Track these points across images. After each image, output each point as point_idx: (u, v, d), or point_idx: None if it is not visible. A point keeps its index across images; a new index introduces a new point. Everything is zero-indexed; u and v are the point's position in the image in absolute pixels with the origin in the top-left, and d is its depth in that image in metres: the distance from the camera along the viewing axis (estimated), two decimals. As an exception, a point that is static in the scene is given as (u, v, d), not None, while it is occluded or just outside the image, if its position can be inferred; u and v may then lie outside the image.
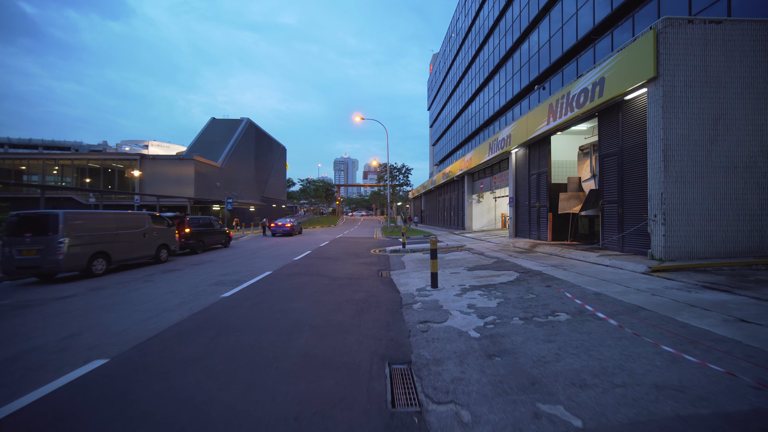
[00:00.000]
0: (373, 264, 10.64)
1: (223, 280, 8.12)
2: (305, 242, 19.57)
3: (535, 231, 14.25)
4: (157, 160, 27.29)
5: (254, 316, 5.17)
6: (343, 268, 9.83)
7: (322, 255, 13.11)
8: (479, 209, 24.49)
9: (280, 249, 15.66)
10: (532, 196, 14.48)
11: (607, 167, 9.77)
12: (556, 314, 4.73)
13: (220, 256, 13.22)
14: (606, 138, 9.81)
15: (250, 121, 40.35)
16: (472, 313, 5.01)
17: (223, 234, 16.83)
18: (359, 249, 15.37)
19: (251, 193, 39.51)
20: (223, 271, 9.56)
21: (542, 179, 13.65)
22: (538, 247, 11.69)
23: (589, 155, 12.02)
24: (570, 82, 11.02)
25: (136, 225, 10.67)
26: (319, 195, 48.93)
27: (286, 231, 24.88)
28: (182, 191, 26.49)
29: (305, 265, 10.48)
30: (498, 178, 19.43)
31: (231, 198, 23.66)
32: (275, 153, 50.51)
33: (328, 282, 7.70)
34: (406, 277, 8.18)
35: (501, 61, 26.74)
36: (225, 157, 32.90)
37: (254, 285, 7.48)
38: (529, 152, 14.75)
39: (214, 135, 37.17)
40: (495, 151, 17.59)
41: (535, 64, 21.91)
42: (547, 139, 13.24)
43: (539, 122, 12.80)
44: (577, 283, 6.41)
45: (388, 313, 5.27)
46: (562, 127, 11.82)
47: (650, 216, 7.67)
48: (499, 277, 7.52)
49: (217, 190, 30.34)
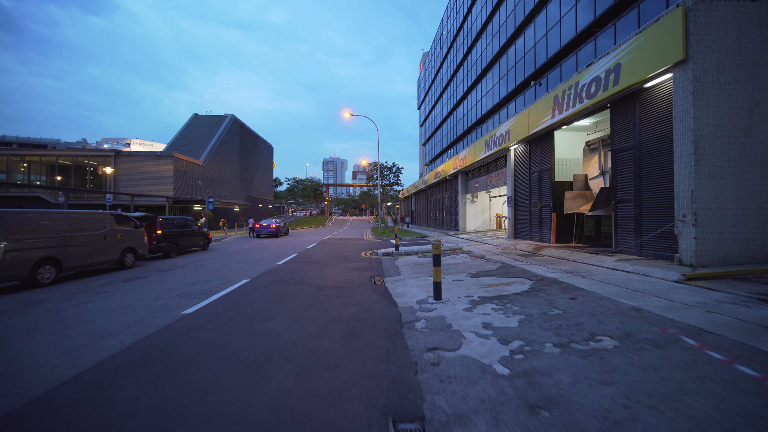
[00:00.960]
0: (364, 269, 9.61)
1: (190, 290, 6.95)
2: (291, 244, 18.38)
3: (536, 232, 13.45)
4: (134, 156, 25.52)
5: (217, 342, 4.07)
6: (331, 274, 8.76)
7: (309, 259, 12.00)
8: (473, 209, 23.70)
9: (262, 252, 14.46)
10: (533, 195, 13.68)
11: (620, 163, 8.97)
12: (598, 338, 3.79)
13: (195, 261, 11.97)
14: (620, 131, 9.01)
15: (234, 118, 38.67)
16: (490, 336, 4.04)
17: (202, 236, 15.52)
18: (349, 252, 14.31)
19: (236, 193, 37.85)
20: (194, 278, 8.36)
21: (545, 177, 12.86)
22: (543, 250, 10.85)
23: (597, 151, 11.26)
24: (578, 72, 10.22)
25: (95, 226, 9.35)
26: (307, 195, 47.43)
27: (271, 232, 23.58)
28: (160, 190, 24.85)
29: (289, 271, 9.36)
30: (495, 176, 18.64)
31: (213, 198, 22.23)
32: (261, 151, 48.80)
33: (314, 293, 6.63)
34: (402, 286, 7.17)
35: (495, 57, 26.05)
36: (207, 154, 31.24)
37: (226, 297, 6.34)
38: (529, 149, 13.95)
39: (196, 131, 35.42)
40: (492, 148, 16.77)
41: (531, 60, 21.24)
42: (550, 135, 12.45)
43: (542, 116, 11.99)
44: (606, 294, 5.51)
45: (387, 335, 4.26)
46: (568, 120, 11.03)
47: (677, 216, 6.86)
48: (510, 285, 6.58)
49: (199, 189, 28.73)
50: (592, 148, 11.53)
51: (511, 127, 14.59)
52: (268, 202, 52.78)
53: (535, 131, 12.59)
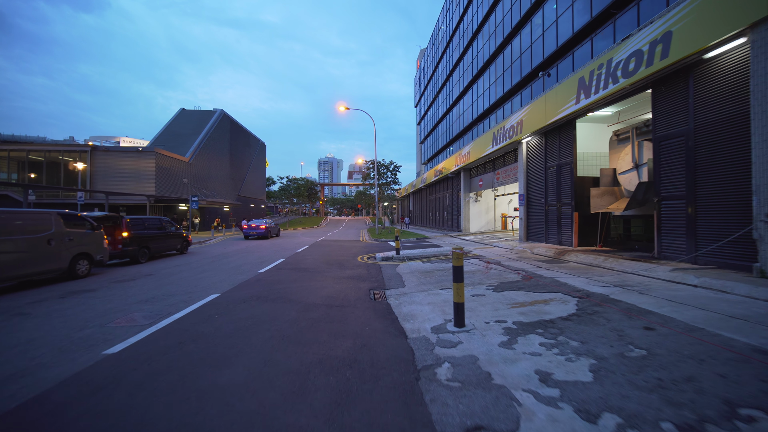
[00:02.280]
0: (361, 278, 8.11)
1: (137, 312, 5.39)
2: (281, 246, 16.81)
3: (553, 234, 12.03)
4: (112, 152, 23.64)
5: (128, 421, 2.54)
6: (322, 285, 7.25)
7: (298, 265, 10.47)
8: (477, 209, 22.27)
9: (247, 256, 12.90)
10: (550, 192, 12.27)
11: (666, 153, 7.56)
12: (744, 413, 2.33)
13: (166, 267, 10.39)
14: (665, 115, 7.60)
15: (224, 113, 36.80)
16: (560, 402, 2.56)
17: (179, 238, 13.90)
18: (344, 256, 12.80)
19: (225, 192, 36.06)
20: (151, 293, 6.80)
21: (564, 172, 11.44)
22: (568, 255, 9.42)
23: (629, 141, 9.87)
24: (611, 47, 8.80)
25: (34, 228, 7.73)
26: (300, 194, 45.69)
27: (260, 233, 21.96)
28: (141, 188, 23.08)
29: (271, 281, 7.83)
30: (502, 173, 17.21)
31: (197, 196, 20.59)
32: (253, 149, 46.96)
33: (297, 314, 5.12)
34: (409, 303, 5.69)
35: (498, 48, 24.68)
36: (194, 151, 29.42)
37: (178, 323, 4.80)
38: (545, 141, 12.54)
39: (183, 127, 33.55)
40: (501, 141, 15.35)
41: (538, 49, 19.89)
42: (572, 124, 11.03)
43: (563, 103, 10.58)
44: (692, 321, 4.06)
45: (397, 397, 2.76)
46: (594, 106, 9.62)
47: (757, 216, 5.46)
48: (549, 305, 5.12)
49: (184, 188, 26.98)
50: (622, 138, 10.15)
51: (524, 117, 13.16)
52: (261, 201, 50.98)
53: (554, 120, 11.18)
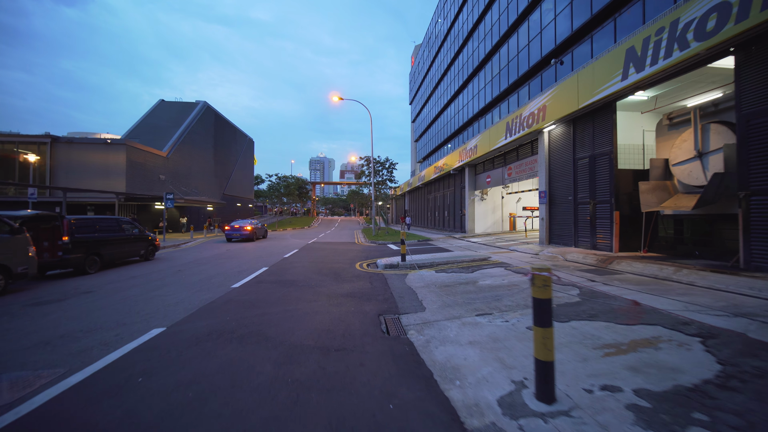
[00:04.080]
0: (365, 295, 6.20)
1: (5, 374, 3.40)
2: (266, 251, 14.78)
3: (585, 237, 10.33)
4: (76, 144, 21.07)
5: None
6: (313, 309, 5.33)
7: (283, 275, 8.51)
8: (482, 208, 20.53)
9: (224, 263, 10.87)
10: (581, 188, 10.57)
11: (757, 135, 5.88)
12: None
13: (116, 280, 8.31)
14: (756, 87, 5.93)
15: (207, 106, 34.30)
16: None
17: (143, 242, 11.76)
18: (339, 262, 10.87)
19: (209, 190, 33.60)
20: (67, 326, 4.77)
21: (600, 165, 9.75)
22: (615, 263, 7.69)
23: (685, 125, 8.21)
24: (675, 7, 7.10)
25: None
26: (290, 193, 43.44)
27: (244, 235, 19.81)
28: (110, 184, 20.67)
29: (245, 303, 5.87)
30: (515, 168, 15.50)
31: (172, 194, 18.36)
32: (240, 145, 44.40)
33: (273, 371, 3.19)
34: (442, 341, 3.81)
35: (502, 37, 23.04)
36: (173, 145, 26.95)
37: (56, 403, 2.83)
38: (573, 129, 10.84)
39: (161, 119, 30.99)
40: (516, 132, 13.63)
41: (549, 35, 18.29)
42: (610, 108, 9.34)
43: (603, 81, 8.87)
44: None
45: None
46: (646, 83, 7.93)
47: None
48: (658, 349, 3.30)
49: (161, 185, 24.61)
50: (676, 122, 8.49)
51: (547, 103, 11.44)
52: (248, 201, 48.49)
53: (588, 104, 9.48)
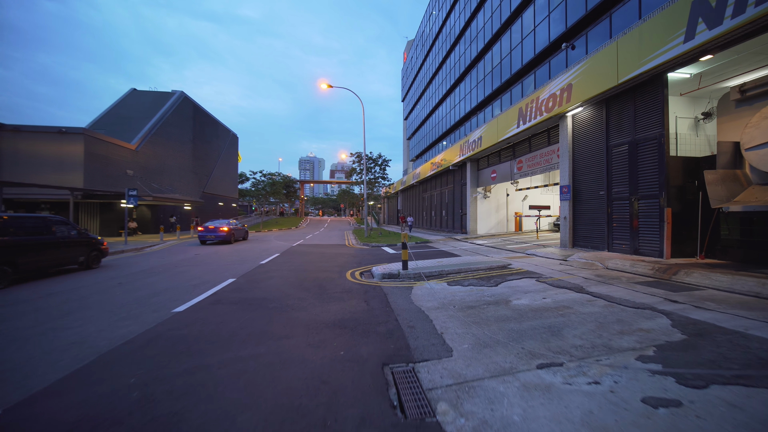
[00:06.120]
0: (359, 325, 4.25)
1: None
2: (242, 255, 12.68)
3: (623, 239, 8.61)
4: (23, 132, 18.32)
5: None
6: (281, 359, 3.35)
7: (251, 291, 6.50)
8: (485, 207, 18.78)
9: (183, 273, 8.77)
10: (616, 181, 8.86)
11: None
12: None
13: (21, 300, 6.16)
14: None
15: (185, 96, 31.66)
16: None
17: (83, 246, 9.54)
18: (326, 270, 8.89)
19: (186, 188, 31.01)
20: None
21: (644, 152, 8.04)
22: (682, 274, 5.94)
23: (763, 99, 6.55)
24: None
25: None
26: (277, 192, 41.05)
27: (220, 237, 17.58)
28: (65, 179, 18.16)
29: (176, 344, 3.85)
30: (527, 160, 13.77)
31: (135, 190, 16.01)
32: (222, 141, 41.71)
33: None
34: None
35: (503, 25, 21.44)
36: (144, 137, 24.36)
37: None
38: (607, 111, 9.14)
39: (132, 110, 28.31)
40: (532, 118, 11.88)
41: (559, 17, 16.71)
42: (660, 81, 7.64)
43: (656, 45, 7.15)
44: None
45: None
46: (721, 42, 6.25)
47: None
48: None
49: (129, 181, 22.15)
50: (751, 95, 6.85)
51: (573, 81, 9.71)
52: (232, 200, 45.85)
53: (632, 76, 7.76)
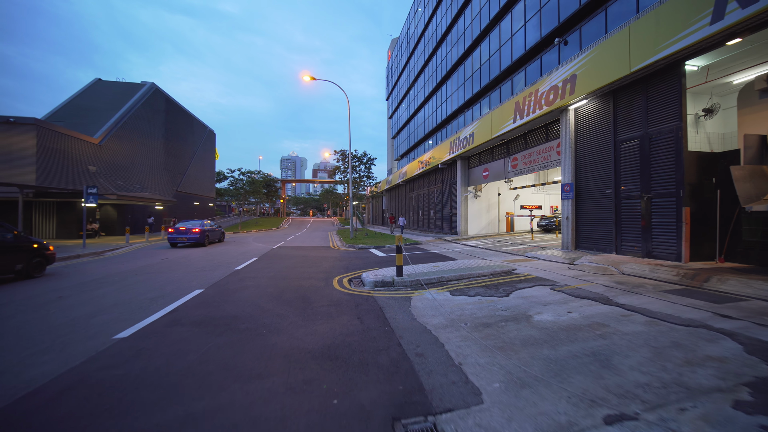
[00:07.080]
0: (354, 355, 3.25)
1: None
2: (215, 260, 11.41)
3: (634, 241, 8.00)
4: (-37, 122, 16.34)
5: None
6: (251, 418, 2.36)
7: (219, 306, 5.39)
8: (476, 207, 18.12)
9: (141, 283, 7.51)
10: (626, 178, 8.26)
11: None
12: None
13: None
14: None
15: (156, 88, 29.50)
16: None
17: (21, 253, 8.07)
18: (310, 277, 7.84)
19: (157, 186, 28.94)
20: None
21: (658, 147, 7.44)
22: (715, 281, 5.30)
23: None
24: None
25: None
26: (257, 191, 39.31)
27: (193, 239, 16.11)
28: (13, 175, 16.21)
29: (109, 390, 2.73)
30: (522, 158, 13.14)
31: (96, 188, 14.36)
32: (198, 137, 39.49)
33: None
34: None
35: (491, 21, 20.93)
36: (109, 131, 22.32)
37: None
38: (614, 103, 8.53)
39: (96, 101, 26.07)
40: (531, 112, 11.22)
41: (552, 13, 16.26)
42: (677, 69, 7.06)
43: (676, 29, 6.54)
44: None
45: None
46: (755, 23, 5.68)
47: None
48: None
49: (91, 177, 20.19)
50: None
51: (578, 72, 9.07)
52: (208, 199, 43.62)
53: (647, 64, 7.14)
